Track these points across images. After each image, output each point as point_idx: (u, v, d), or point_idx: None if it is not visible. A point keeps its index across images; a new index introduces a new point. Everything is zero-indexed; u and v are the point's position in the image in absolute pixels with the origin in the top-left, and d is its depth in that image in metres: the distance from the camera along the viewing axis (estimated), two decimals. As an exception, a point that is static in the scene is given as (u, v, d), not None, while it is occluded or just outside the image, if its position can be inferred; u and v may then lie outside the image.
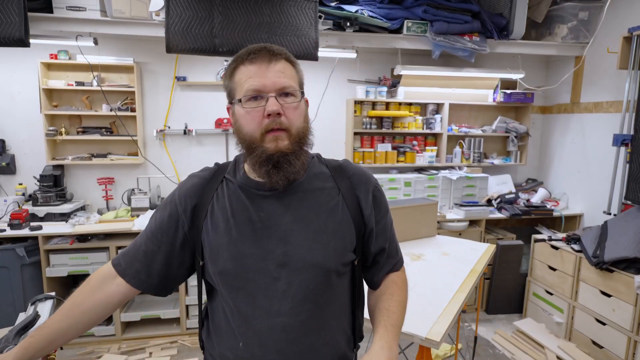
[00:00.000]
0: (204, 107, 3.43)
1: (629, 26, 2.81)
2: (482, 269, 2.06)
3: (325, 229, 0.92)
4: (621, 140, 2.90)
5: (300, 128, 0.90)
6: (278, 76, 0.87)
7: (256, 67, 0.87)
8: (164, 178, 3.40)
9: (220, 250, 0.92)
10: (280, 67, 0.88)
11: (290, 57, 0.92)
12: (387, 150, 3.60)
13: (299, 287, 0.89)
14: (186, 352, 2.84)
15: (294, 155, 0.88)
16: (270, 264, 0.89)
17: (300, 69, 0.95)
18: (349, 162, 1.04)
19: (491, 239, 3.51)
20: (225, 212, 0.94)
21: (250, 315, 0.90)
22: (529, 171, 4.12)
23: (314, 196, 0.94)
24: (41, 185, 3.02)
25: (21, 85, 3.11)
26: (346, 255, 0.94)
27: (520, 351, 2.81)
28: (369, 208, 0.98)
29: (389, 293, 1.01)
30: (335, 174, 0.99)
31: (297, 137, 0.89)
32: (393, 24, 3.08)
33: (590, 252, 2.69)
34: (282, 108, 0.86)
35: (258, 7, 2.64)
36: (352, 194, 0.97)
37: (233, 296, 0.91)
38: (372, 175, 1.03)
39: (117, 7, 2.68)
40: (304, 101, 0.93)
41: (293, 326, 0.89)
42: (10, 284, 2.73)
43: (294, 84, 0.89)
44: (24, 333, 1.15)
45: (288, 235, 0.90)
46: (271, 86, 0.86)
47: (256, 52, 0.88)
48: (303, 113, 0.92)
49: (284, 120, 0.87)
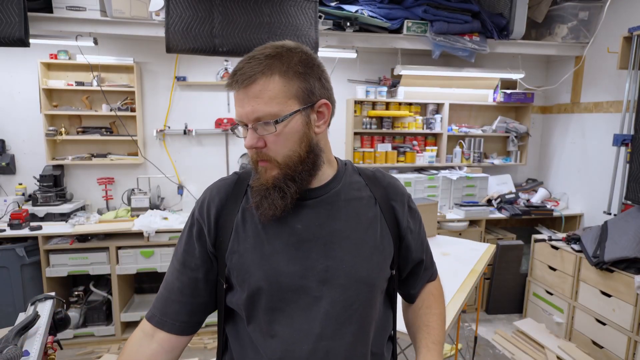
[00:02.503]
0: (204, 107, 3.43)
1: (629, 26, 2.81)
2: (482, 269, 2.06)
3: (366, 241, 0.85)
4: (621, 140, 2.89)
5: (288, 156, 0.78)
6: (251, 104, 0.75)
7: (236, 93, 0.77)
8: (164, 178, 3.40)
9: (251, 269, 0.81)
10: (256, 90, 0.74)
11: (275, 67, 0.75)
12: (387, 150, 3.60)
13: (343, 306, 0.81)
14: (186, 352, 2.84)
15: (286, 182, 0.78)
16: (311, 281, 0.80)
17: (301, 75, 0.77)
18: (382, 172, 0.98)
19: (491, 239, 3.51)
20: (254, 225, 0.83)
21: (288, 340, 0.80)
22: (529, 171, 4.12)
23: (352, 206, 0.87)
24: (41, 185, 3.02)
25: (21, 85, 3.11)
26: (387, 269, 0.89)
27: (520, 351, 2.81)
28: (405, 220, 0.93)
29: (426, 307, 0.97)
30: (370, 183, 0.92)
31: (286, 166, 0.78)
32: (393, 24, 3.08)
33: (591, 252, 2.69)
34: (262, 139, 0.77)
35: (258, 7, 2.64)
36: (388, 204, 0.91)
37: (268, 319, 0.81)
38: (403, 185, 1.00)
39: (117, 7, 2.67)
40: (303, 116, 0.78)
41: (337, 350, 0.80)
42: (10, 284, 2.73)
43: (271, 109, 0.74)
44: (24, 333, 1.15)
45: (329, 249, 0.82)
46: (246, 116, 0.76)
47: (233, 75, 0.77)
48: (294, 136, 0.77)
49: (266, 152, 0.78)
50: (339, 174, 0.89)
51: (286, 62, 0.76)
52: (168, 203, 3.45)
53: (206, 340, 2.95)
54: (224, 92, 3.45)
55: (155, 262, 2.91)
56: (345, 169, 0.91)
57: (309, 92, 0.78)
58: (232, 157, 3.53)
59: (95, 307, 2.96)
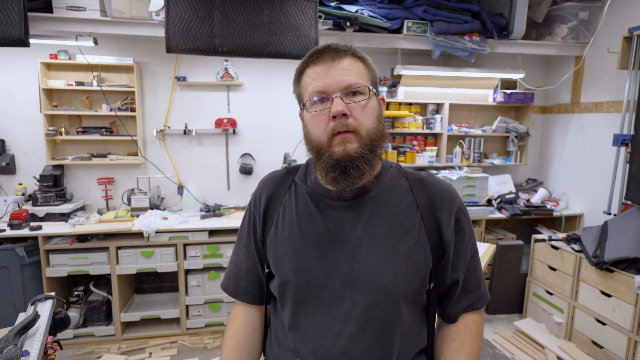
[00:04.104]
0: (204, 107, 3.43)
1: (629, 26, 2.81)
2: (482, 269, 2.05)
3: (397, 250, 0.83)
4: (621, 140, 2.89)
5: (372, 129, 0.81)
6: (342, 74, 0.80)
7: (320, 67, 0.82)
8: (164, 178, 3.40)
9: (283, 261, 0.86)
10: (346, 64, 0.82)
11: (359, 53, 0.85)
12: (387, 150, 3.60)
13: (363, 310, 0.81)
14: (186, 352, 2.84)
15: (364, 160, 0.80)
16: (336, 281, 0.82)
17: (373, 65, 0.87)
18: (432, 176, 0.93)
19: (491, 239, 3.51)
20: (291, 219, 0.88)
21: (309, 333, 0.83)
22: (529, 171, 4.12)
23: (389, 211, 0.85)
24: (41, 185, 3.02)
25: (21, 85, 3.11)
26: (418, 281, 0.84)
27: (520, 351, 2.81)
28: (450, 232, 0.87)
29: (459, 341, 0.90)
30: (415, 188, 0.89)
31: (367, 140, 0.81)
32: (393, 24, 3.08)
33: (591, 252, 2.69)
34: (348, 108, 0.79)
35: (258, 7, 2.64)
36: (431, 213, 0.87)
37: (294, 310, 0.85)
38: (457, 193, 0.92)
39: (117, 7, 2.68)
40: (377, 99, 0.85)
41: (354, 353, 0.81)
42: (10, 284, 2.73)
43: (361, 81, 0.82)
44: (24, 333, 1.15)
45: (357, 252, 0.82)
46: (335, 85, 0.80)
47: (320, 52, 0.83)
48: (375, 112, 0.83)
49: (351, 122, 0.80)
50: (382, 176, 0.89)
51: (360, 52, 0.86)
52: (168, 203, 3.45)
53: (206, 340, 2.95)
54: (224, 92, 3.45)
55: (155, 262, 2.91)
56: (390, 171, 0.91)
57: (376, 83, 0.88)
58: (232, 157, 3.53)
59: (95, 307, 2.96)
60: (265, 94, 3.49)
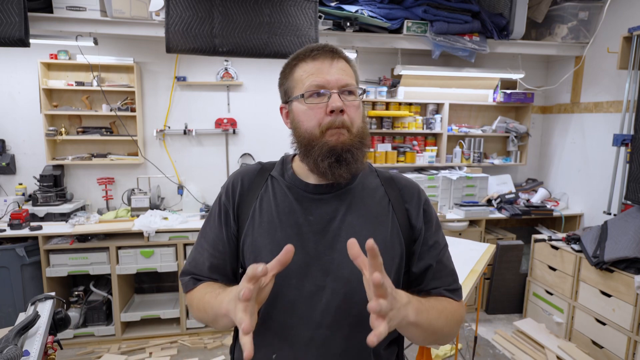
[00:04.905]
0: (204, 107, 3.43)
1: (629, 26, 2.82)
2: (482, 269, 2.06)
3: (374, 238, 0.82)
4: (621, 140, 2.89)
5: (361, 128, 0.87)
6: (341, 73, 0.85)
7: (319, 64, 0.86)
8: (164, 178, 3.40)
9: (262, 252, 0.87)
10: (342, 65, 0.87)
11: (349, 58, 0.91)
12: (387, 150, 3.60)
13: (344, 298, 0.83)
14: (186, 352, 2.84)
15: (357, 149, 0.85)
16: (316, 270, 0.85)
17: (357, 70, 0.94)
18: (399, 174, 1.00)
19: (491, 239, 3.51)
20: (270, 212, 0.89)
21: (287, 325, 0.84)
22: (529, 171, 4.12)
23: (364, 204, 0.90)
24: (41, 185, 3.02)
25: (21, 85, 3.11)
26: (395, 268, 0.88)
27: (520, 351, 2.81)
28: (419, 222, 0.92)
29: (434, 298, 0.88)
30: (386, 184, 0.95)
31: (358, 136, 0.86)
32: (393, 24, 3.08)
33: (590, 252, 2.69)
34: (344, 106, 0.84)
35: (258, 7, 2.64)
36: (402, 205, 0.93)
37: (271, 302, 0.84)
38: (422, 189, 0.98)
39: (117, 7, 2.68)
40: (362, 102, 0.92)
41: (334, 341, 0.83)
42: (10, 284, 2.73)
43: (354, 82, 0.88)
44: (24, 333, 1.15)
45: (336, 242, 0.85)
46: (334, 83, 0.84)
47: (319, 50, 0.87)
48: (362, 113, 0.89)
49: (346, 119, 0.84)
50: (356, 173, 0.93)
51: (350, 58, 0.91)
52: (168, 203, 3.45)
53: (206, 340, 2.95)
54: (224, 92, 3.45)
55: (155, 262, 2.91)
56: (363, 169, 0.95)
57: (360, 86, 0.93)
58: (232, 157, 3.53)
59: (95, 307, 2.96)
60: (265, 94, 3.49)
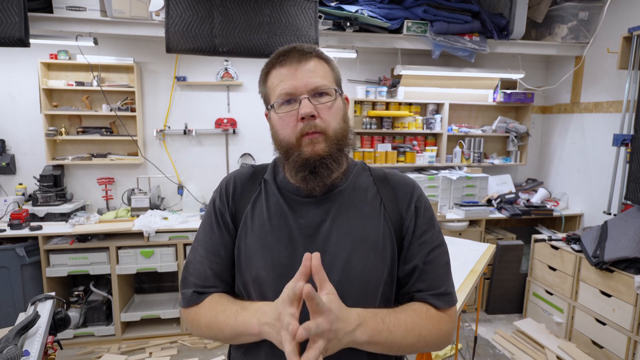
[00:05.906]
0: (204, 107, 3.43)
1: (629, 26, 2.82)
2: (482, 269, 2.06)
3: (364, 240, 0.85)
4: (621, 140, 2.90)
5: (338, 129, 0.84)
6: (309, 76, 0.83)
7: (286, 70, 0.84)
8: (164, 178, 3.40)
9: (254, 257, 0.86)
10: (311, 66, 0.84)
11: (323, 55, 0.88)
12: (387, 150, 3.60)
13: None
14: (186, 352, 2.84)
15: (332, 159, 0.83)
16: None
17: (336, 66, 0.90)
18: (394, 173, 0.97)
19: (491, 239, 3.51)
20: (262, 216, 0.88)
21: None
22: (529, 171, 4.12)
23: (356, 205, 0.89)
24: (41, 185, 3.02)
25: (21, 85, 3.12)
26: (387, 269, 0.86)
27: (520, 351, 2.81)
28: (409, 219, 0.89)
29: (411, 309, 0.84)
30: (379, 183, 0.93)
31: (334, 139, 0.83)
32: (393, 24, 3.08)
33: (590, 252, 2.69)
34: (316, 109, 0.82)
35: (258, 7, 2.64)
36: (394, 204, 0.90)
37: None
38: (418, 185, 0.95)
39: (117, 7, 2.68)
40: (341, 99, 0.88)
41: None
42: (10, 284, 2.73)
43: (327, 83, 0.84)
44: (24, 333, 1.15)
45: (326, 244, 0.84)
46: (303, 87, 0.82)
47: (285, 54, 0.85)
48: (340, 112, 0.86)
49: (319, 123, 0.82)
50: (348, 173, 0.92)
51: (324, 54, 0.89)
52: (168, 203, 3.46)
53: (206, 340, 2.95)
54: (224, 92, 3.45)
55: (155, 262, 2.92)
56: (355, 168, 0.94)
57: (340, 83, 0.90)
58: (232, 157, 3.53)
59: (95, 307, 2.96)
60: (265, 94, 3.48)
